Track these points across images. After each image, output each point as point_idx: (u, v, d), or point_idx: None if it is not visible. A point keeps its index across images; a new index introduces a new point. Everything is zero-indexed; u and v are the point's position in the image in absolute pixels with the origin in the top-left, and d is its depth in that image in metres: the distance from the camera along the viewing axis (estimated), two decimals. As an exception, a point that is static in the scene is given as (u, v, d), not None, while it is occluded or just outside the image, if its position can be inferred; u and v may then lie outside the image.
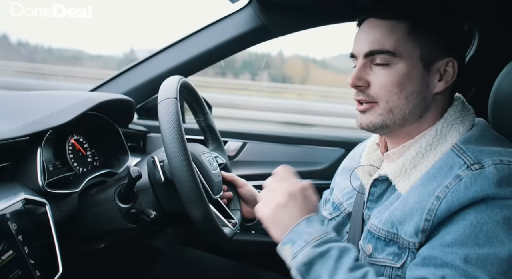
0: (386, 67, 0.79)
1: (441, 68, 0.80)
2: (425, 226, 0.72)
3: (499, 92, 0.94)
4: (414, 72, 0.79)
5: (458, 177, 0.70)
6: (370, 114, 0.83)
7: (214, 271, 1.20)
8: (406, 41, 0.78)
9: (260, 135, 1.77)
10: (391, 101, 0.80)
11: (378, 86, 0.80)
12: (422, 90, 0.80)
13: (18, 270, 0.74)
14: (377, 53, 0.79)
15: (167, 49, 1.60)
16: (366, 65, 0.82)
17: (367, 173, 0.96)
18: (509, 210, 0.66)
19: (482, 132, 0.79)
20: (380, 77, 0.80)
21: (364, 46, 0.81)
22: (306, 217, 0.80)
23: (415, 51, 0.78)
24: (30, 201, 0.84)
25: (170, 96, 0.90)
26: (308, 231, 0.77)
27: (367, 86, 0.82)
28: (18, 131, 0.87)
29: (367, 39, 0.81)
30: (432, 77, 0.80)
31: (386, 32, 0.79)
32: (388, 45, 0.78)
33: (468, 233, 0.67)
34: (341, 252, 0.75)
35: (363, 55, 0.81)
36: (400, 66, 0.78)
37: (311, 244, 0.76)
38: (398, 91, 0.79)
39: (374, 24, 0.81)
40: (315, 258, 0.74)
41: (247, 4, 1.49)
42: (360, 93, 0.83)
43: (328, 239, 0.77)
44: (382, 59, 0.79)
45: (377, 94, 0.80)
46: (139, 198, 1.04)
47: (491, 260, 0.64)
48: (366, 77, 0.82)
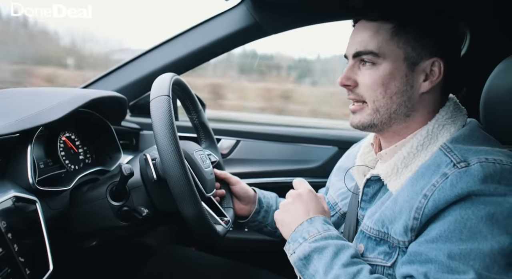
0: (371, 67, 0.81)
1: (427, 68, 0.81)
2: (414, 225, 0.73)
3: (491, 92, 0.94)
4: (398, 72, 0.80)
5: (444, 175, 0.71)
6: (360, 114, 0.85)
7: (207, 270, 1.20)
8: (390, 42, 0.80)
9: (253, 133, 1.76)
10: (377, 101, 0.82)
11: (364, 85, 0.82)
12: (407, 90, 0.81)
13: (7, 268, 0.73)
14: (362, 54, 0.82)
15: (160, 47, 1.60)
16: (355, 65, 0.84)
17: (362, 174, 0.96)
18: (493, 206, 0.67)
19: (471, 131, 0.80)
20: (366, 77, 0.82)
21: (352, 47, 0.84)
22: (310, 217, 0.85)
23: (399, 51, 0.80)
24: (20, 199, 0.83)
25: (162, 93, 0.89)
26: (308, 230, 0.83)
27: (355, 86, 0.84)
28: (8, 128, 0.86)
29: (355, 40, 0.83)
30: (417, 77, 0.81)
31: (371, 34, 0.81)
32: (372, 46, 0.80)
33: (452, 229, 0.68)
34: (338, 249, 0.78)
35: (351, 55, 0.84)
36: (384, 66, 0.80)
37: (308, 240, 0.80)
38: (382, 91, 0.81)
39: (362, 26, 0.83)
40: (311, 253, 0.78)
41: (240, 2, 1.49)
42: (350, 92, 0.86)
43: (327, 236, 0.80)
44: (368, 59, 0.81)
45: (364, 93, 0.83)
46: (131, 196, 1.03)
47: (474, 255, 0.65)
48: (354, 77, 0.84)
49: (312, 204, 0.89)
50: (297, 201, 0.89)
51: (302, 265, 0.80)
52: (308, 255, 0.79)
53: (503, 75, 0.93)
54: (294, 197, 0.90)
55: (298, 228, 0.84)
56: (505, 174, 0.69)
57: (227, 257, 1.27)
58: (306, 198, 0.89)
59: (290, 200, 0.90)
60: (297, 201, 0.89)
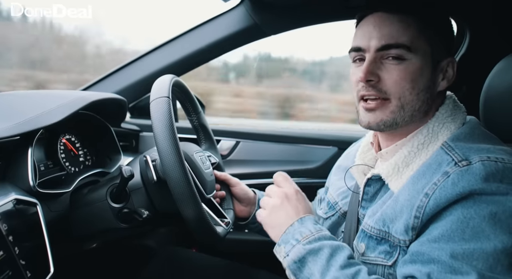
0: (400, 62, 0.78)
1: (444, 67, 0.81)
2: (415, 223, 0.72)
3: (490, 90, 0.95)
4: (426, 69, 0.79)
5: (446, 174, 0.71)
6: (381, 111, 0.81)
7: (207, 271, 1.20)
8: (419, 38, 0.78)
9: (253, 134, 1.76)
10: (403, 97, 0.79)
11: (391, 81, 0.78)
12: (430, 87, 0.81)
13: (9, 271, 0.73)
14: (392, 47, 0.78)
15: (160, 48, 1.60)
16: (377, 59, 0.80)
17: (362, 173, 0.96)
18: (495, 205, 0.67)
19: (471, 129, 0.80)
20: (393, 72, 0.78)
21: (376, 41, 0.79)
22: (300, 217, 0.83)
23: (427, 47, 0.78)
24: (21, 201, 0.83)
25: (162, 95, 0.89)
26: (300, 230, 0.80)
27: (378, 81, 0.80)
28: (9, 131, 0.86)
29: (379, 33, 0.79)
30: (437, 75, 0.81)
31: (402, 27, 0.78)
32: (404, 40, 0.77)
33: (455, 228, 0.67)
34: (333, 250, 0.76)
35: (375, 49, 0.79)
36: (414, 61, 0.78)
37: (302, 242, 0.78)
38: (410, 87, 0.78)
39: (385, 19, 0.79)
40: (306, 255, 0.77)
41: (239, 3, 1.49)
42: (371, 88, 0.80)
43: (320, 237, 0.79)
44: (396, 54, 0.78)
45: (389, 89, 0.79)
46: (131, 198, 1.03)
47: (477, 255, 0.65)
48: (377, 72, 0.80)
49: (301, 204, 0.87)
50: (285, 202, 0.87)
51: (297, 268, 0.78)
52: (302, 257, 0.77)
53: (502, 74, 0.93)
54: (281, 198, 0.88)
55: (288, 229, 0.83)
56: (507, 172, 0.69)
57: (227, 258, 1.27)
58: (294, 199, 0.88)
59: (277, 201, 0.87)
60: (285, 202, 0.87)
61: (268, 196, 0.92)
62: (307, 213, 0.86)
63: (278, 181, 0.93)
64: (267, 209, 0.88)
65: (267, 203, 0.89)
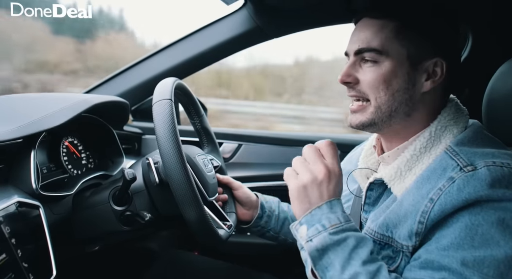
0: (374, 65, 0.80)
1: (429, 68, 0.80)
2: (419, 229, 0.72)
3: (493, 93, 0.94)
4: (400, 70, 0.79)
5: (451, 179, 0.70)
6: (361, 113, 0.84)
7: (209, 274, 1.20)
8: (393, 40, 0.79)
9: (255, 137, 1.76)
10: (379, 98, 0.81)
11: (366, 82, 0.81)
12: (408, 88, 0.80)
13: (11, 273, 0.73)
14: (365, 51, 0.81)
15: (162, 51, 1.60)
16: (356, 62, 0.83)
17: (365, 176, 0.96)
18: (503, 212, 0.66)
19: (475, 133, 0.79)
20: (367, 74, 0.81)
21: (354, 45, 0.83)
22: (329, 200, 0.76)
23: (402, 50, 0.79)
24: (24, 204, 0.83)
25: (164, 97, 0.89)
26: (328, 216, 0.74)
27: (356, 83, 0.83)
28: (11, 134, 0.87)
29: (357, 38, 0.82)
30: (419, 76, 0.80)
31: (374, 31, 0.80)
32: (375, 44, 0.79)
33: (464, 236, 0.67)
34: (357, 243, 0.72)
35: (353, 53, 0.83)
36: (386, 64, 0.79)
37: (328, 230, 0.73)
38: (384, 88, 0.80)
39: (365, 24, 0.83)
40: (330, 245, 0.72)
41: (242, 6, 1.49)
42: (351, 89, 0.84)
43: (347, 228, 0.74)
44: (370, 56, 0.80)
45: (366, 90, 0.82)
46: (133, 200, 1.03)
47: (488, 262, 0.64)
48: (355, 74, 0.83)
49: (338, 188, 0.78)
50: (325, 181, 0.76)
51: (317, 255, 0.72)
52: (326, 246, 0.72)
53: (505, 77, 0.93)
54: (323, 174, 0.76)
55: (315, 211, 0.75)
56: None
57: (229, 261, 1.27)
58: (335, 181, 0.77)
59: (318, 176, 0.76)
60: (326, 180, 0.76)
61: (309, 159, 0.79)
62: (337, 197, 0.78)
63: (324, 150, 0.80)
64: (303, 179, 0.77)
65: (304, 171, 0.77)
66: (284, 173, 0.82)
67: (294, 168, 0.80)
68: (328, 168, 0.77)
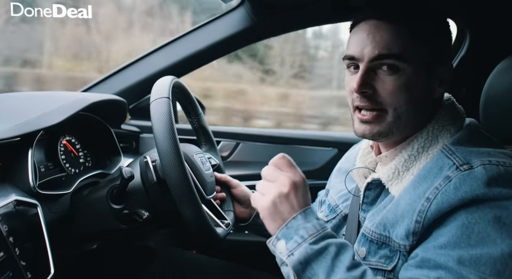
0: (394, 73, 0.76)
1: (441, 73, 0.79)
2: (416, 228, 0.71)
3: (490, 91, 0.95)
4: (420, 78, 0.77)
5: (447, 178, 0.70)
6: (377, 123, 0.80)
7: (207, 272, 1.20)
8: (412, 46, 0.75)
9: (253, 135, 1.77)
10: (400, 108, 0.77)
11: (386, 92, 0.77)
12: (427, 95, 0.79)
13: (9, 272, 0.73)
14: (385, 57, 0.76)
15: (160, 49, 1.60)
16: (371, 69, 0.78)
17: (362, 176, 0.95)
18: (499, 210, 0.66)
19: (471, 132, 0.79)
20: (388, 83, 0.76)
21: (370, 50, 0.77)
22: (303, 210, 0.74)
23: (420, 56, 0.76)
24: (21, 203, 0.83)
25: (162, 95, 0.89)
26: (304, 226, 0.73)
27: (373, 92, 0.78)
28: (9, 132, 0.86)
29: (373, 42, 0.76)
30: (433, 82, 0.79)
31: (393, 36, 0.75)
32: (396, 49, 0.75)
33: (460, 234, 0.66)
34: (338, 250, 0.72)
35: (368, 59, 0.77)
36: (408, 71, 0.76)
37: (308, 240, 0.71)
38: (406, 98, 0.76)
39: (377, 27, 0.77)
40: (312, 255, 0.71)
41: (239, 4, 1.49)
42: (366, 99, 0.79)
43: (325, 235, 0.73)
44: (389, 63, 0.76)
45: (385, 100, 0.77)
46: (131, 199, 1.03)
47: (484, 260, 0.64)
48: (371, 83, 0.78)
49: (307, 195, 0.77)
50: (292, 193, 0.74)
51: (301, 268, 0.71)
52: (308, 258, 0.70)
53: (502, 75, 0.93)
54: (289, 187, 0.74)
55: (291, 222, 0.73)
56: (508, 176, 0.68)
57: (227, 259, 1.27)
58: (302, 189, 0.76)
59: (283, 190, 0.74)
60: (293, 192, 0.74)
61: (270, 178, 0.78)
62: (309, 205, 0.77)
63: (280, 164, 0.79)
64: (270, 197, 0.75)
65: (269, 189, 0.75)
66: (251, 199, 0.79)
67: (258, 190, 0.78)
68: (291, 179, 0.75)
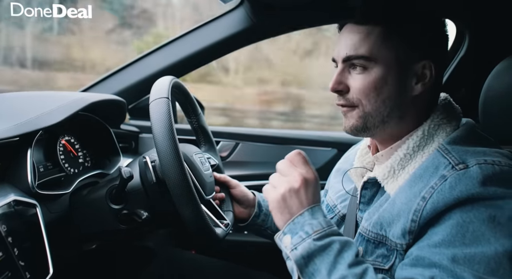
0: (363, 72, 0.80)
1: (418, 71, 0.80)
2: (412, 227, 0.72)
3: (489, 92, 0.95)
4: (390, 76, 0.79)
5: (443, 177, 0.71)
6: (351, 116, 0.84)
7: (206, 272, 1.20)
8: (381, 46, 0.78)
9: (252, 136, 1.77)
10: (369, 105, 0.80)
11: (356, 90, 0.81)
12: (399, 93, 0.80)
13: (8, 272, 0.73)
14: (353, 58, 0.80)
15: (159, 49, 1.60)
16: (345, 69, 0.83)
17: (360, 176, 0.96)
18: (494, 209, 0.66)
19: (468, 132, 0.80)
20: (357, 81, 0.81)
21: (342, 51, 0.82)
22: (310, 207, 0.76)
23: (390, 55, 0.79)
24: (20, 203, 0.83)
25: (161, 95, 0.89)
26: (310, 222, 0.74)
27: (347, 91, 0.83)
28: (8, 132, 0.86)
29: (344, 44, 0.82)
30: (408, 80, 0.80)
31: (361, 38, 0.79)
32: (362, 50, 0.79)
33: (455, 233, 0.67)
34: (342, 247, 0.72)
35: (341, 60, 0.82)
36: (376, 70, 0.79)
37: (312, 236, 0.72)
38: (375, 95, 0.80)
39: (351, 30, 0.82)
40: (315, 251, 0.72)
41: (238, 4, 1.49)
42: (341, 98, 0.84)
43: (330, 232, 0.74)
44: (359, 64, 0.80)
45: (355, 98, 0.81)
46: (130, 199, 1.03)
47: (478, 259, 0.64)
48: (345, 82, 0.82)
49: (317, 193, 0.79)
50: (303, 189, 0.76)
51: (304, 263, 0.72)
52: (312, 253, 0.71)
53: (501, 76, 0.94)
54: (300, 183, 0.76)
55: (298, 218, 0.75)
56: (503, 175, 0.69)
57: (226, 260, 1.27)
58: (312, 187, 0.77)
59: (295, 185, 0.76)
60: (303, 188, 0.76)
61: (283, 172, 0.80)
62: (317, 201, 0.78)
63: (295, 160, 0.81)
64: (280, 190, 0.77)
65: (281, 183, 0.78)
66: (263, 190, 0.82)
67: (271, 183, 0.81)
68: (303, 176, 0.77)
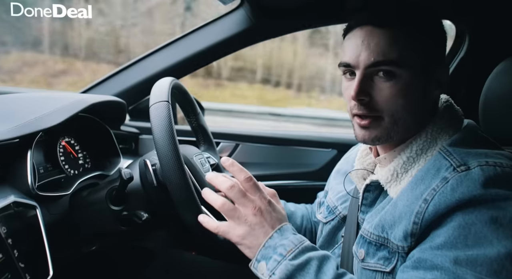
0: (390, 79, 0.76)
1: (438, 76, 0.79)
2: (414, 230, 0.71)
3: (489, 93, 0.95)
4: (417, 82, 0.76)
5: (445, 179, 0.70)
6: (375, 129, 0.80)
7: (206, 274, 1.20)
8: (408, 52, 0.75)
9: (252, 137, 1.76)
10: (396, 114, 0.77)
11: (383, 98, 0.76)
12: (424, 99, 0.79)
13: (8, 274, 0.73)
14: (381, 64, 0.75)
15: (160, 50, 1.60)
16: (367, 76, 0.77)
17: (361, 177, 0.95)
18: (496, 210, 0.66)
19: (469, 134, 0.79)
20: (384, 89, 0.76)
21: (366, 57, 0.76)
22: (278, 228, 0.76)
23: (417, 60, 0.76)
24: (20, 204, 0.83)
25: (161, 99, 0.89)
26: (281, 243, 0.74)
27: (370, 100, 0.78)
28: (8, 134, 0.86)
29: (368, 49, 0.76)
30: (430, 86, 0.79)
31: (389, 41, 0.74)
32: (393, 55, 0.74)
33: (457, 235, 0.66)
34: (320, 262, 0.73)
35: (364, 66, 0.76)
36: (404, 77, 0.75)
37: (287, 257, 0.72)
38: (403, 103, 0.76)
39: (372, 33, 0.76)
40: (293, 271, 0.71)
41: (238, 5, 1.49)
42: (363, 107, 0.78)
43: (304, 249, 0.74)
44: (386, 70, 0.75)
45: (382, 107, 0.77)
46: (130, 200, 1.03)
47: (480, 261, 0.63)
48: (368, 90, 0.77)
49: (276, 214, 0.79)
50: (261, 220, 0.76)
51: None
52: (290, 274, 0.71)
53: (501, 77, 0.93)
54: (258, 215, 0.76)
55: (268, 242, 0.74)
56: (505, 177, 0.68)
57: (226, 261, 1.26)
58: (269, 212, 0.78)
59: (253, 220, 0.76)
60: (262, 219, 0.76)
61: (238, 204, 0.80)
62: (283, 221, 0.78)
63: (247, 188, 0.81)
64: (244, 228, 0.77)
65: (241, 219, 0.78)
66: (221, 232, 0.80)
67: (229, 220, 0.79)
68: (259, 208, 0.77)
